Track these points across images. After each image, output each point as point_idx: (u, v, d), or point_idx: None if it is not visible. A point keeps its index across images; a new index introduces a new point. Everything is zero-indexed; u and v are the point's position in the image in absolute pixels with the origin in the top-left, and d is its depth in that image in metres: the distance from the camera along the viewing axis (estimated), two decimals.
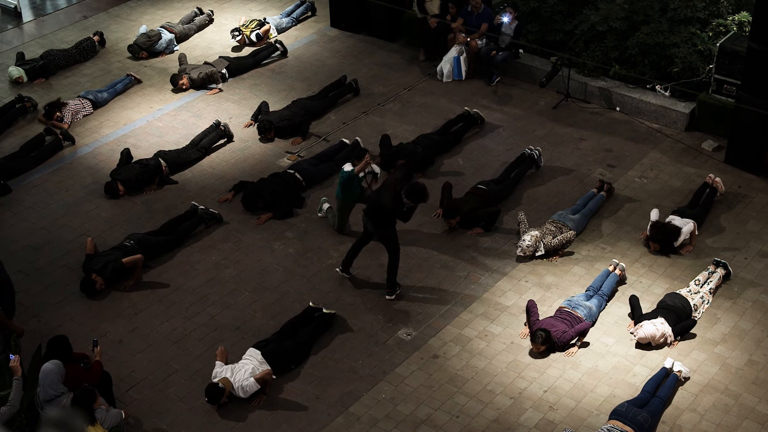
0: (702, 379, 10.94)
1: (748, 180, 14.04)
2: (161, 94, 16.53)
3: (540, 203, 13.74)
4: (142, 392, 10.95)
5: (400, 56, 17.59)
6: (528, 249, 12.56)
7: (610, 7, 16.05)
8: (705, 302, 11.83)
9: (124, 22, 18.84)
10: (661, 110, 15.29)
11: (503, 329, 11.68)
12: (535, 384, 10.94)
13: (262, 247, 13.06)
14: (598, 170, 14.37)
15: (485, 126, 15.46)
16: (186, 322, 11.90)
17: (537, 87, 16.23)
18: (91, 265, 12.28)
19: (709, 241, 12.93)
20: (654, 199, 13.70)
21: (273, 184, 13.79)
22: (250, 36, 17.84)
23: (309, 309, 11.77)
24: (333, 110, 16.03)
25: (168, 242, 13.00)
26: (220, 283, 12.50)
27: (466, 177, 14.24)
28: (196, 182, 14.34)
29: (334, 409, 10.70)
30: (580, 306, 11.58)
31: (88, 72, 17.20)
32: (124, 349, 11.52)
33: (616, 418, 10.18)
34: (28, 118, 15.85)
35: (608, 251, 12.82)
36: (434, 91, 16.46)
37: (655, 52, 15.53)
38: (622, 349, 11.38)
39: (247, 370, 10.72)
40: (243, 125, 15.60)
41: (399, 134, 15.17)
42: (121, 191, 14.00)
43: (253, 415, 10.66)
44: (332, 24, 18.54)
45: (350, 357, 11.37)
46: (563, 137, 15.18)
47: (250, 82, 16.90)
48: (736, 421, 10.44)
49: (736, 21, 15.38)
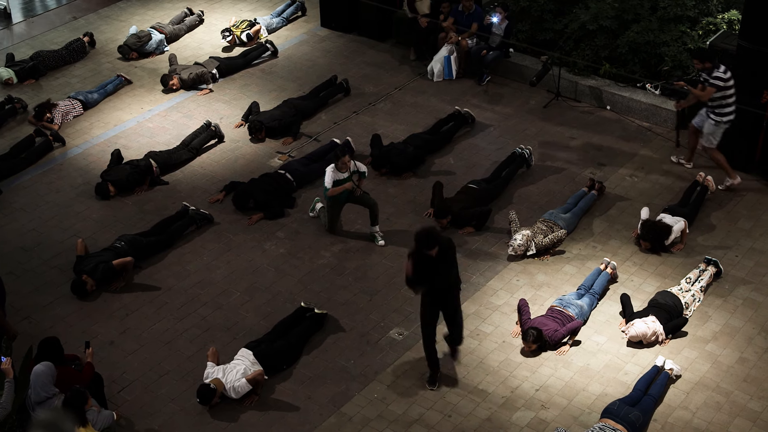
0: (693, 377, 10.96)
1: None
2: (152, 95, 16.50)
3: (531, 202, 13.75)
4: (134, 393, 10.93)
5: (390, 56, 17.60)
6: (519, 248, 12.57)
7: (600, 6, 16.07)
8: (696, 300, 11.85)
9: (114, 23, 18.80)
10: (652, 109, 15.32)
11: (495, 328, 11.69)
12: (527, 383, 10.95)
13: (254, 248, 13.05)
14: (588, 169, 14.39)
15: (476, 125, 15.47)
16: (177, 322, 11.88)
17: (527, 86, 16.25)
18: (81, 266, 12.25)
19: (700, 239, 12.95)
20: (644, 198, 13.72)
21: (264, 184, 13.78)
22: (241, 36, 17.82)
23: (301, 309, 11.77)
24: (324, 110, 16.02)
25: (159, 243, 12.97)
26: (211, 283, 12.48)
27: (457, 176, 14.24)
28: (187, 183, 14.32)
29: (326, 409, 10.69)
30: (572, 305, 11.59)
31: (79, 73, 17.16)
32: (115, 350, 11.50)
33: (608, 416, 10.19)
34: (18, 120, 15.81)
35: (599, 250, 12.84)
36: (425, 91, 16.47)
37: (645, 50, 15.56)
38: (613, 347, 11.40)
39: (238, 371, 10.71)
40: (234, 125, 15.58)
41: (390, 134, 15.17)
42: (111, 192, 13.98)
43: (245, 415, 10.65)
44: (322, 24, 18.54)
45: (342, 357, 11.36)
46: (554, 136, 15.19)
47: (240, 82, 16.88)
48: (728, 419, 10.46)
49: (726, 19, 15.41)
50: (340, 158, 12.55)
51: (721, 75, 13.14)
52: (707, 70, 13.26)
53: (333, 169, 12.62)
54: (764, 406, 10.58)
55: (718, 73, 13.16)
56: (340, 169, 12.60)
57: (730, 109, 13.33)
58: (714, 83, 13.16)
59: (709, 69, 13.24)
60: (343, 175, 12.63)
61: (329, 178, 12.61)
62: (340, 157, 12.55)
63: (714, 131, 13.47)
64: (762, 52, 13.15)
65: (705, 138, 13.62)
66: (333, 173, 12.60)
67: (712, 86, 13.17)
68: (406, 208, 13.67)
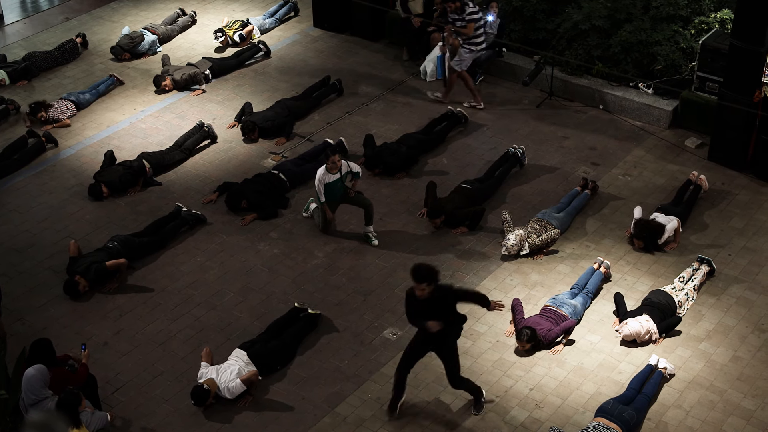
0: (687, 376, 10.98)
1: (732, 177, 14.10)
2: (144, 96, 16.48)
3: (524, 202, 13.76)
4: (128, 394, 10.92)
5: (383, 56, 17.60)
6: (513, 248, 12.58)
7: (592, 6, 16.08)
8: (689, 299, 11.87)
9: (107, 24, 18.78)
10: (645, 108, 15.34)
11: (488, 328, 11.69)
12: (521, 382, 10.96)
13: (247, 248, 13.04)
14: (581, 168, 14.40)
15: (469, 125, 15.47)
16: (171, 323, 11.87)
17: (520, 86, 16.25)
18: (75, 267, 12.24)
19: (693, 238, 12.97)
20: (638, 197, 13.74)
21: (257, 184, 13.77)
22: (234, 37, 17.80)
23: (294, 309, 11.77)
24: (317, 110, 16.02)
25: (152, 244, 12.96)
26: (204, 284, 12.47)
27: (450, 176, 14.25)
28: (180, 183, 14.31)
29: (320, 410, 10.69)
30: (565, 304, 11.60)
31: (71, 74, 17.13)
32: (109, 351, 11.48)
33: (602, 415, 10.20)
34: (11, 121, 15.78)
35: (593, 249, 12.85)
36: (418, 91, 16.47)
37: (637, 50, 15.58)
38: (607, 346, 11.41)
39: (233, 371, 10.70)
40: (227, 126, 15.57)
41: (383, 134, 15.18)
42: (104, 193, 13.96)
43: (240, 416, 10.64)
44: (315, 24, 18.53)
45: (336, 357, 11.36)
46: (547, 136, 15.20)
47: (233, 82, 16.87)
48: (722, 417, 10.48)
49: (718, 18, 15.43)
50: (330, 157, 12.52)
51: (474, 10, 15.08)
52: (458, 10, 15.03)
53: (324, 170, 12.58)
54: (758, 405, 10.60)
55: (471, 9, 15.04)
56: (330, 170, 12.57)
57: (481, 39, 15.37)
58: (471, 18, 15.05)
59: (459, 8, 15.00)
60: (333, 177, 12.60)
61: (319, 181, 12.55)
62: (330, 156, 12.52)
63: (468, 58, 15.39)
64: (754, 51, 13.18)
65: (455, 62, 15.43)
66: (324, 175, 12.56)
67: (470, 22, 15.09)
68: (399, 208, 13.67)
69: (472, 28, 15.14)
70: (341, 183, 12.74)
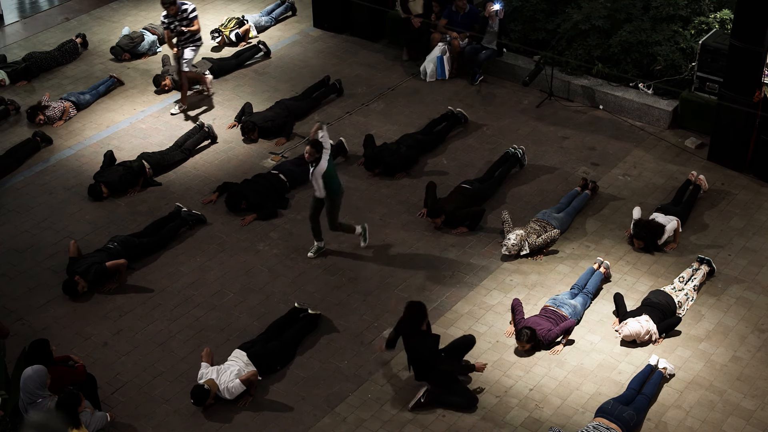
0: (687, 376, 10.98)
1: (731, 177, 14.10)
2: (144, 96, 16.48)
3: (524, 202, 13.76)
4: (128, 395, 10.92)
5: (383, 56, 17.59)
6: (513, 248, 12.57)
7: (592, 6, 16.09)
8: (689, 299, 11.87)
9: (107, 24, 18.78)
10: (644, 108, 15.33)
11: (488, 328, 11.69)
12: (520, 382, 10.96)
13: (247, 249, 13.04)
14: (581, 168, 14.40)
15: (469, 125, 15.47)
16: (171, 324, 11.87)
17: (520, 86, 16.25)
18: (74, 267, 12.24)
19: (693, 239, 12.97)
20: (637, 197, 13.74)
21: (257, 185, 13.77)
22: (230, 36, 17.82)
23: (294, 310, 11.77)
24: (317, 111, 16.02)
25: (152, 244, 12.96)
26: (204, 284, 12.47)
27: (450, 176, 14.25)
28: (180, 184, 14.31)
29: (320, 410, 10.69)
30: (565, 304, 11.60)
31: (71, 74, 17.14)
32: (109, 351, 11.48)
33: (602, 415, 10.20)
34: (11, 121, 15.79)
35: (592, 249, 12.85)
36: (418, 91, 16.47)
37: (637, 50, 15.58)
38: (607, 346, 11.41)
39: (232, 372, 10.70)
40: (227, 126, 15.58)
41: (383, 134, 15.18)
42: (104, 193, 13.96)
43: (239, 416, 10.64)
44: (315, 24, 18.53)
45: (336, 357, 11.36)
46: (546, 136, 15.21)
47: (233, 83, 16.87)
48: (721, 417, 10.48)
49: (718, 18, 15.43)
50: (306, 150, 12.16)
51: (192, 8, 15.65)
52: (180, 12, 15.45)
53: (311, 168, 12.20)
54: (757, 405, 10.60)
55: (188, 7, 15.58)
56: (309, 162, 12.13)
57: (199, 35, 15.94)
58: (195, 16, 15.67)
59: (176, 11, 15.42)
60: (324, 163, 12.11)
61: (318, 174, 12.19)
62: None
63: (193, 56, 15.90)
64: (754, 52, 13.18)
65: (186, 64, 15.80)
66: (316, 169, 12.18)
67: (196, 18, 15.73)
68: (399, 209, 13.68)
69: (198, 23, 15.79)
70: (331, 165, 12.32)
